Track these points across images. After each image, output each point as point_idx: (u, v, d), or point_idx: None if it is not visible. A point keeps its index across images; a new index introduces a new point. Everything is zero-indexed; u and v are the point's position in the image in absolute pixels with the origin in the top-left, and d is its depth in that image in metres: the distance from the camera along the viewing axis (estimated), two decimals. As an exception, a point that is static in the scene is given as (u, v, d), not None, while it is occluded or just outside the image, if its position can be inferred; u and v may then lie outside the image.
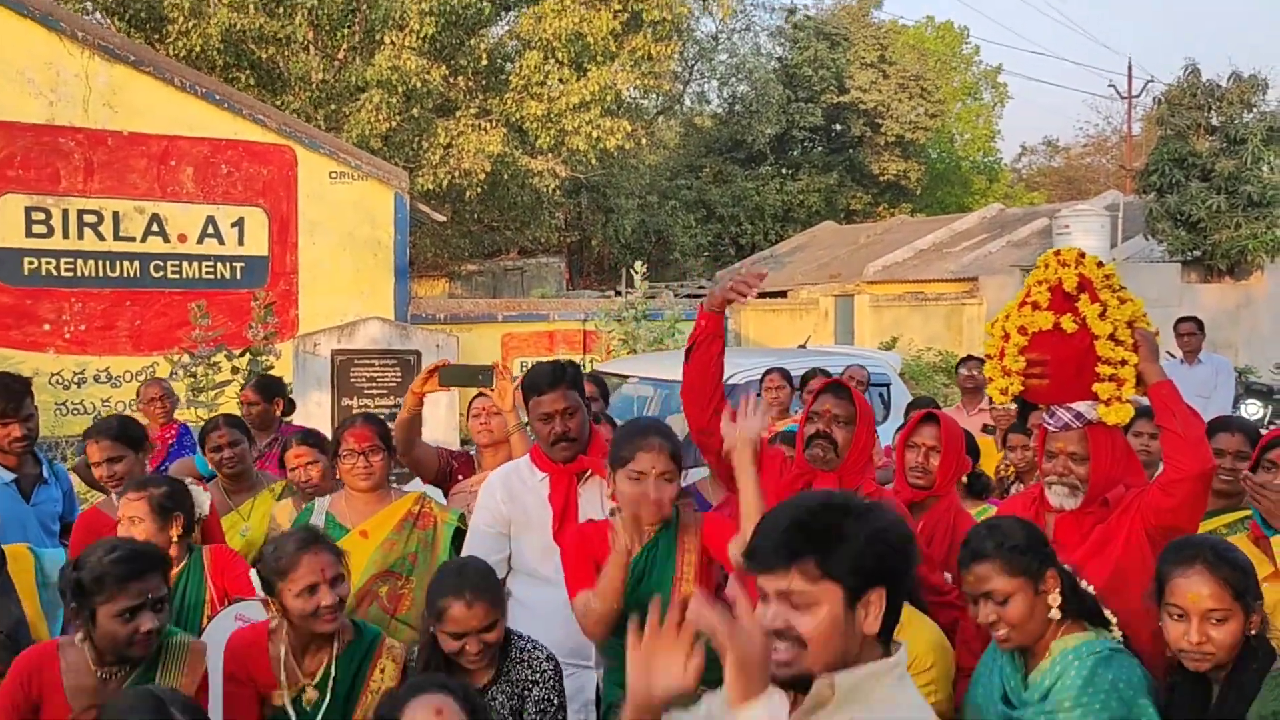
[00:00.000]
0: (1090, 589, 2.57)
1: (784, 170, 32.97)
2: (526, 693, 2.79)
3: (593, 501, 3.34)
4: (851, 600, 1.65)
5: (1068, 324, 2.95)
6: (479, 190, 19.05)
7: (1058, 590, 2.49)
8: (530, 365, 3.94)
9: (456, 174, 18.17)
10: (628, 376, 7.02)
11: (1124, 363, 2.90)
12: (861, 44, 32.17)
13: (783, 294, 24.04)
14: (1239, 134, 16.74)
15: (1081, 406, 2.97)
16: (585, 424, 3.40)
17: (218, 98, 10.63)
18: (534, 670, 2.82)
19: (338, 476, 3.57)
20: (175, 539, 3.17)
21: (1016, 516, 2.80)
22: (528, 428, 3.74)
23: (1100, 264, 3.04)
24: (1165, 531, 2.78)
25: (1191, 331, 7.84)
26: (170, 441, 5.09)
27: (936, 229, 25.42)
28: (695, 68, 31.58)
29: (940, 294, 19.77)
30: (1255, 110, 17.28)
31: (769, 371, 5.59)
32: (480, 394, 4.14)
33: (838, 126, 33.16)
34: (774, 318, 21.95)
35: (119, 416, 4.05)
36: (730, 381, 6.24)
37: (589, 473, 3.36)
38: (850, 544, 1.65)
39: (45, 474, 3.94)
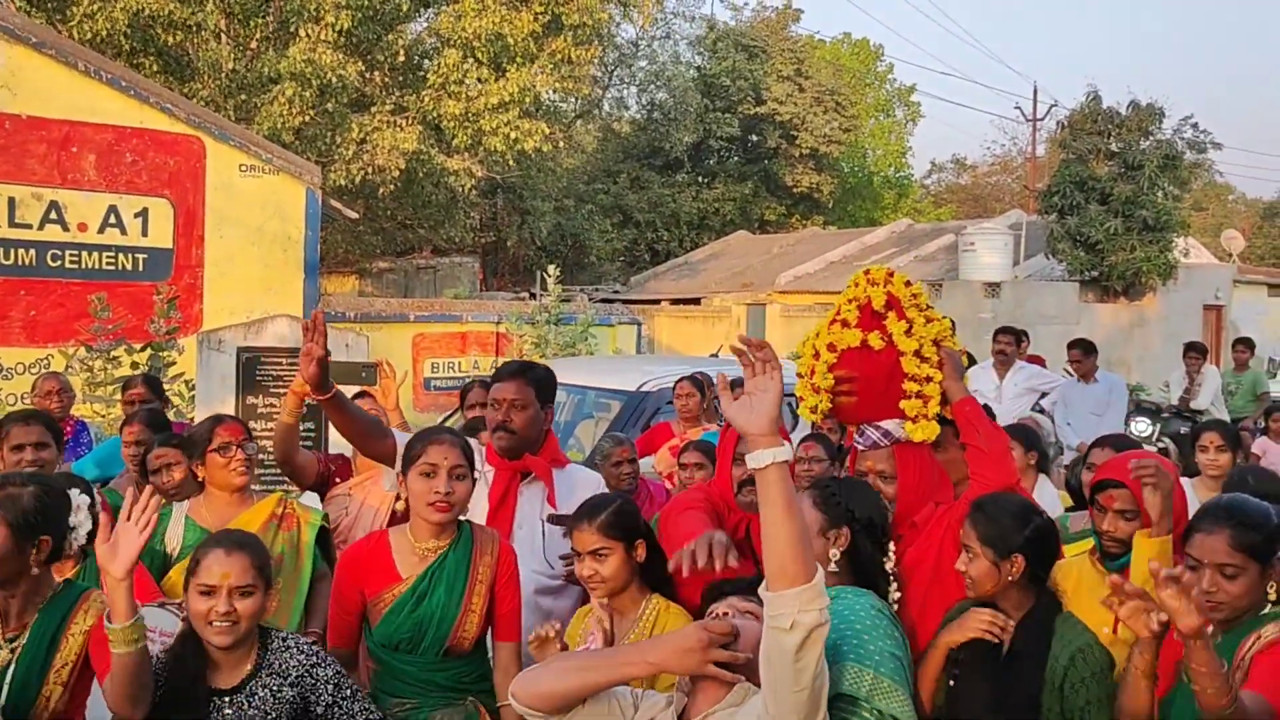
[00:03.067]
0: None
1: (700, 178, 33.24)
2: (308, 677, 2.55)
3: (533, 503, 3.36)
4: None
5: (875, 341, 2.96)
6: (393, 187, 18.83)
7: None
8: (440, 364, 3.92)
9: (370, 170, 17.92)
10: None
11: (929, 380, 2.92)
12: (779, 57, 32.60)
13: (696, 301, 24.24)
14: (1136, 160, 17.38)
15: (889, 425, 2.98)
16: (535, 425, 3.39)
17: (124, 84, 10.33)
18: (306, 655, 2.58)
19: (201, 478, 3.47)
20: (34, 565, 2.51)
21: None
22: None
23: (908, 283, 3.08)
24: None
25: (1078, 359, 8.07)
26: (66, 438, 4.94)
27: (847, 242, 25.88)
28: (615, 73, 31.68)
29: (850, 306, 20.10)
30: (1152, 138, 17.96)
31: (680, 380, 5.64)
32: (362, 393, 4.10)
33: (754, 137, 33.55)
34: (687, 325, 22.11)
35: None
36: (643, 389, 6.29)
37: (532, 475, 3.38)
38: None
39: None
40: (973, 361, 7.44)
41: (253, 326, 7.07)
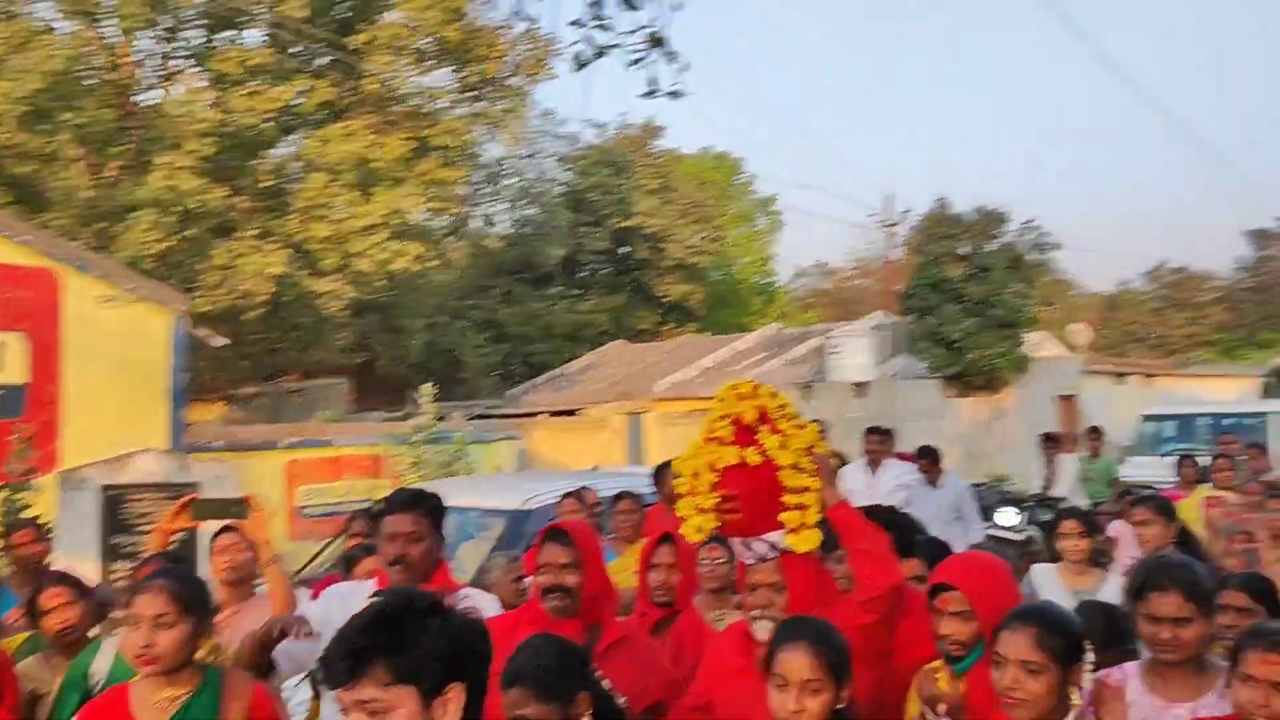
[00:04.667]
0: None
1: (573, 291, 33.66)
2: None
3: None
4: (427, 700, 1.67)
5: (752, 457, 3.01)
6: (260, 312, 18.54)
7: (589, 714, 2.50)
8: (314, 491, 3.89)
9: (236, 295, 17.64)
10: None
11: (806, 489, 2.98)
12: (644, 172, 33.57)
13: (574, 412, 24.28)
14: (985, 262, 18.38)
15: (774, 537, 3.03)
16: (430, 556, 3.37)
17: (-25, 218, 10.02)
18: None
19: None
20: None
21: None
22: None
23: (774, 394, 3.16)
24: (868, 650, 2.84)
25: (926, 467, 8.32)
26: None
27: (719, 348, 26.43)
28: (482, 191, 32.07)
29: (725, 411, 20.46)
30: (998, 240, 19.06)
31: (567, 495, 5.66)
32: (226, 528, 4.05)
33: (624, 249, 34.26)
34: (566, 436, 22.10)
35: None
36: (525, 508, 6.28)
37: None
38: (422, 644, 1.69)
39: None
40: (844, 462, 7.66)
41: (116, 463, 6.82)
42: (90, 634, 3.70)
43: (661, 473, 5.85)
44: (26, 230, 10.74)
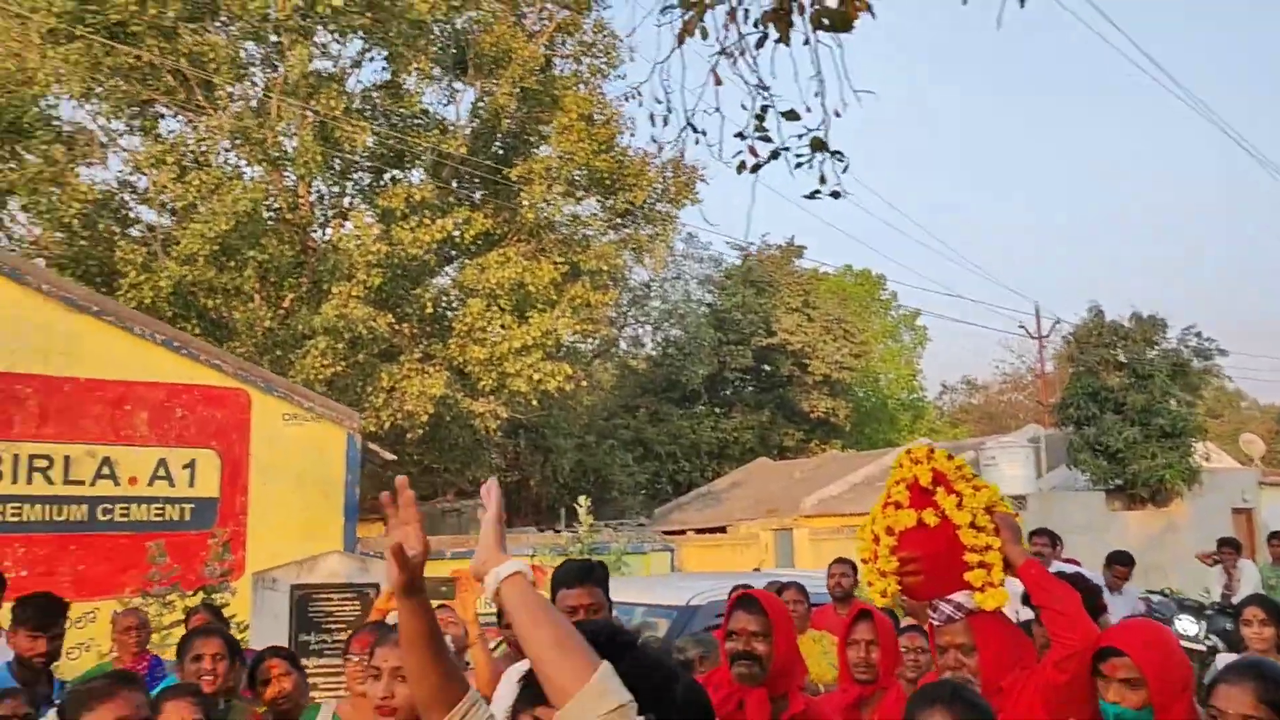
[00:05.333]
0: None
1: (717, 409, 33.88)
2: None
3: None
4: None
5: (929, 518, 3.03)
6: (421, 432, 19.36)
7: None
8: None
9: (400, 416, 18.50)
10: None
11: (989, 548, 2.97)
12: (786, 290, 33.94)
13: (722, 529, 24.23)
14: (1145, 369, 17.84)
15: (960, 597, 3.01)
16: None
17: (176, 344, 10.96)
18: None
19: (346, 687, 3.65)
20: None
21: None
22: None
23: (950, 456, 3.18)
24: (1060, 710, 2.79)
25: (1123, 574, 8.26)
26: (143, 673, 5.07)
27: (868, 463, 26.09)
28: (629, 313, 32.92)
29: (877, 526, 20.12)
30: (1157, 348, 18.51)
31: (737, 588, 5.76)
32: (441, 605, 4.27)
33: (767, 367, 34.44)
34: (715, 553, 22.05)
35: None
36: (691, 604, 6.41)
37: None
38: (677, 698, 1.78)
39: (55, 697, 3.98)
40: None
41: (305, 564, 7.27)
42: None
43: (832, 568, 5.94)
44: (219, 354, 11.67)
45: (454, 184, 21.12)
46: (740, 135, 4.62)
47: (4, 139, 16.63)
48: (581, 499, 12.56)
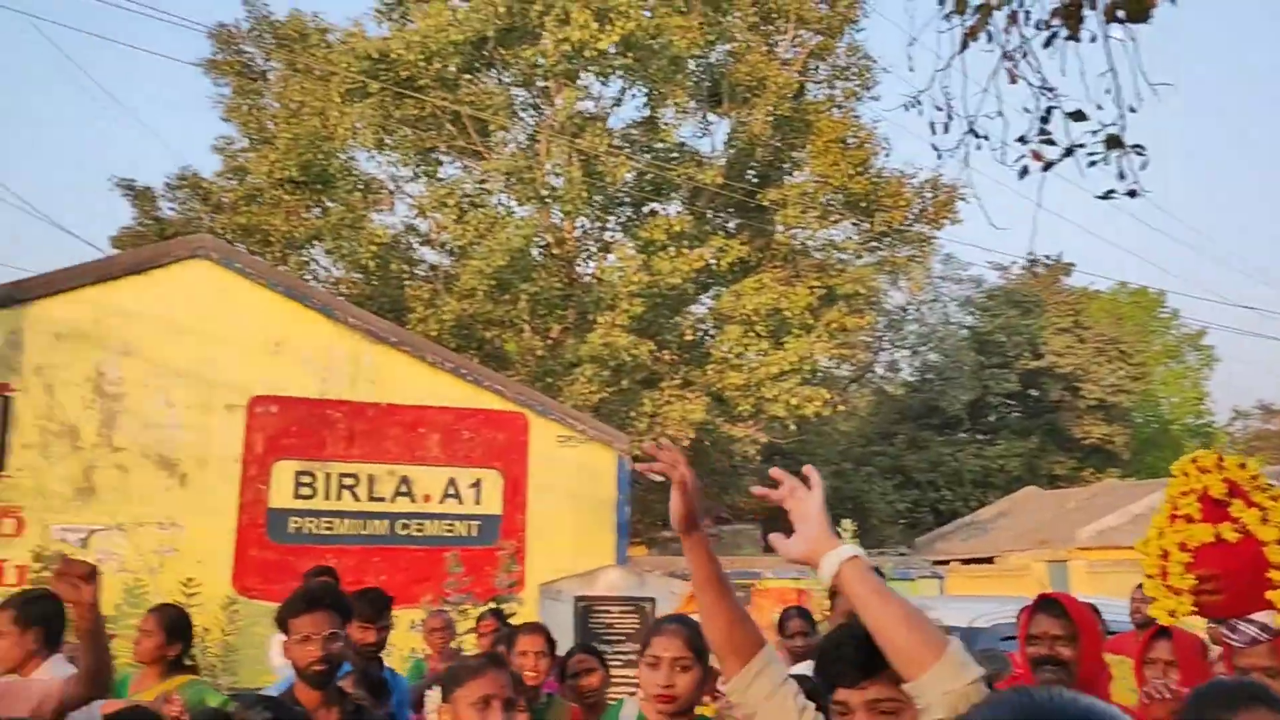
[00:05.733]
0: None
1: (980, 435, 32.67)
2: None
3: None
4: None
5: (1229, 533, 2.85)
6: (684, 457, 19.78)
7: None
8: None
9: (661, 441, 18.99)
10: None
11: None
12: (1054, 310, 32.35)
13: (989, 560, 23.30)
14: None
15: (1263, 617, 2.84)
16: None
17: (463, 372, 11.76)
18: None
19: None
20: None
21: None
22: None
23: (1243, 465, 2.97)
24: None
25: None
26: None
27: (1149, 493, 24.35)
28: (885, 337, 32.36)
29: (1163, 559, 18.78)
30: None
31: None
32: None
33: (1034, 391, 32.90)
34: (983, 583, 21.21)
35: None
36: (975, 625, 6.27)
37: None
38: None
39: (389, 683, 4.41)
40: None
41: (586, 577, 7.63)
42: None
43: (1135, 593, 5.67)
44: (500, 380, 12.43)
45: (709, 213, 21.55)
46: (1022, 139, 4.55)
47: (311, 190, 18.41)
48: (845, 523, 12.44)
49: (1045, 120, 4.38)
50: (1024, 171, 4.57)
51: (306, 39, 21.25)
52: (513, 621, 7.49)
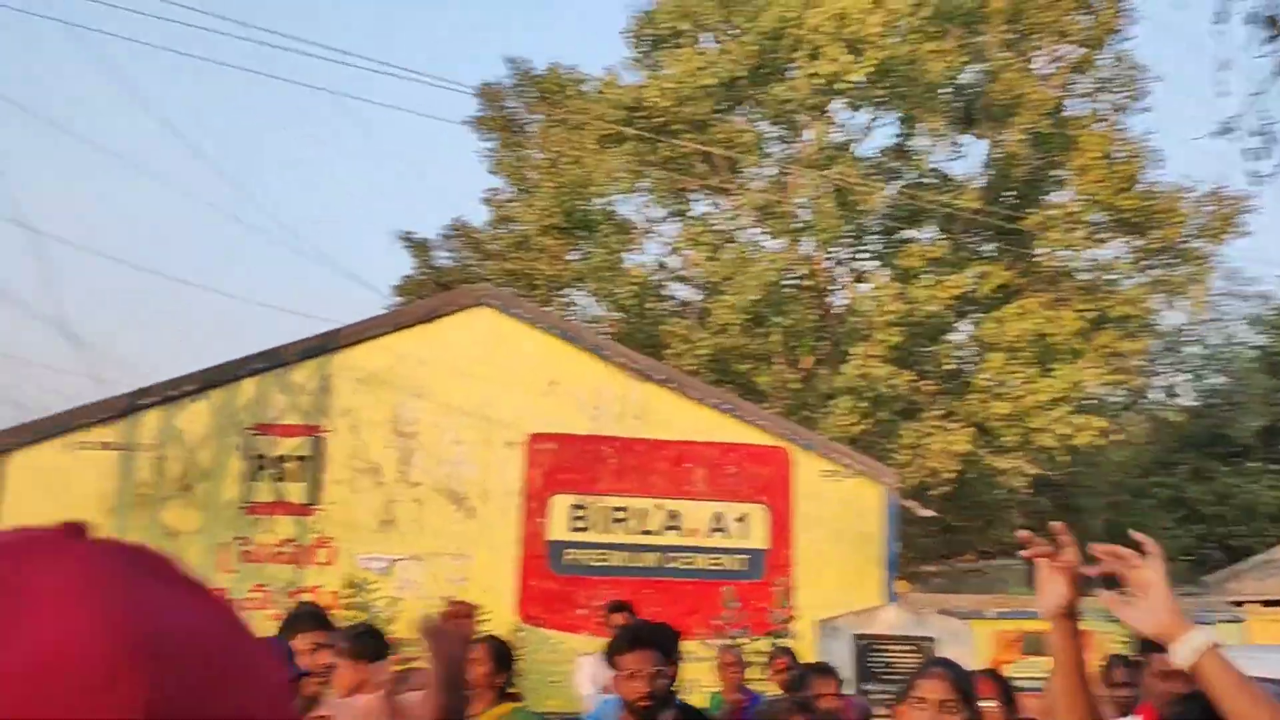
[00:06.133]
0: None
1: (1274, 465, 29.89)
2: None
3: None
4: None
5: None
6: (946, 490, 19.24)
7: None
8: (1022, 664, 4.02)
9: (924, 473, 18.55)
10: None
11: None
12: (1359, 326, 29.32)
13: (1293, 603, 21.25)
14: None
15: None
16: None
17: (726, 407, 12.00)
18: None
19: None
20: None
21: None
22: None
23: None
24: None
25: None
26: (744, 705, 5.66)
27: None
28: (1161, 360, 30.27)
29: None
30: None
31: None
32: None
33: (1340, 416, 29.83)
34: (1287, 629, 19.38)
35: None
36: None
37: None
38: None
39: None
40: None
41: (864, 614, 7.60)
42: None
43: None
44: (763, 415, 12.59)
45: (966, 238, 20.98)
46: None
47: (573, 235, 19.31)
48: (1131, 561, 11.77)
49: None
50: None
51: (564, 90, 22.34)
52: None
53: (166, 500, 10.75)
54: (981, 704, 3.65)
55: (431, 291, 23.02)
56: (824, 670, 5.04)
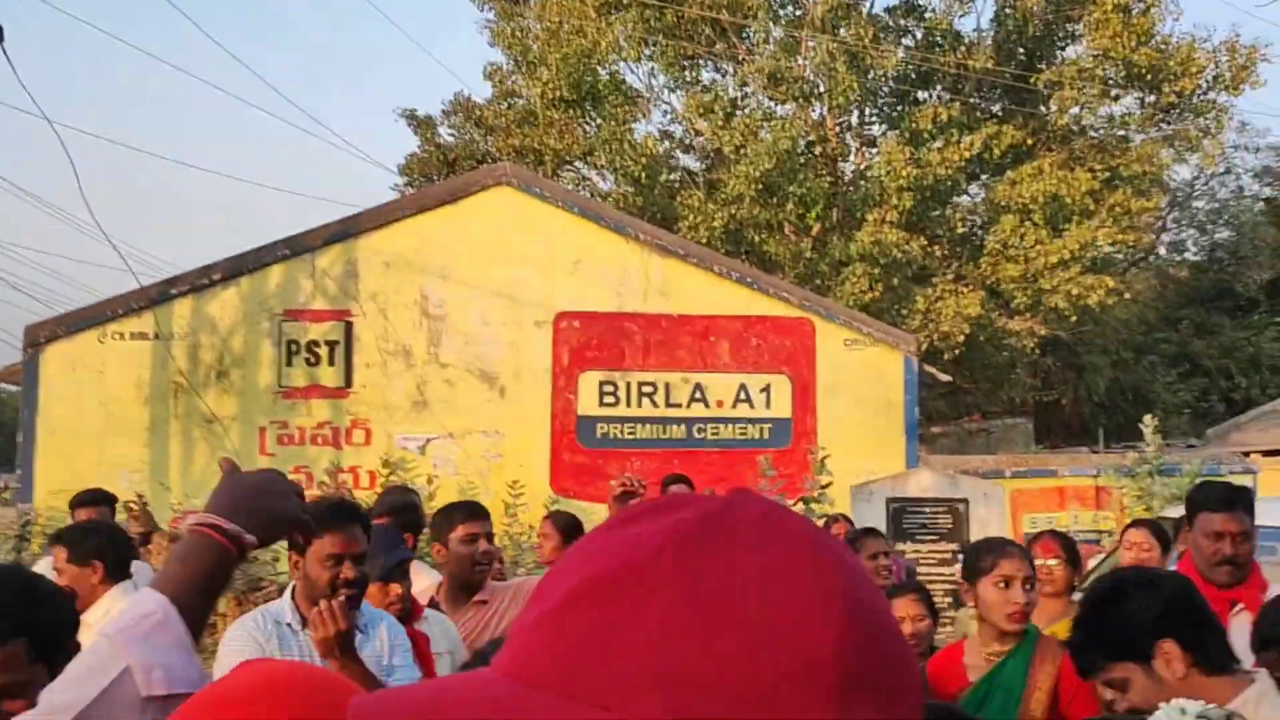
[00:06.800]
0: None
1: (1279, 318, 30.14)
2: None
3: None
4: None
5: None
6: (957, 353, 19.46)
7: None
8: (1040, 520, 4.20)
9: (936, 337, 18.74)
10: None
11: None
12: (1370, 176, 29.15)
13: (1295, 452, 21.74)
14: None
15: None
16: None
17: (749, 280, 12.10)
18: None
19: None
20: None
21: None
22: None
23: None
24: None
25: None
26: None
27: None
28: (1169, 216, 30.20)
29: None
30: None
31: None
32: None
33: (1345, 266, 29.94)
34: (1290, 478, 19.89)
35: None
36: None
37: (1242, 606, 3.26)
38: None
39: None
40: None
41: (898, 478, 7.85)
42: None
43: None
44: (786, 287, 12.70)
45: (977, 99, 20.68)
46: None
47: (580, 107, 19.05)
48: (1147, 418, 11.99)
49: None
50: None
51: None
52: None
53: (203, 388, 10.94)
54: (1049, 563, 3.88)
55: (437, 170, 22.85)
56: (873, 533, 5.33)
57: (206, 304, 11.05)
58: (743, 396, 11.85)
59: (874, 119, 21.53)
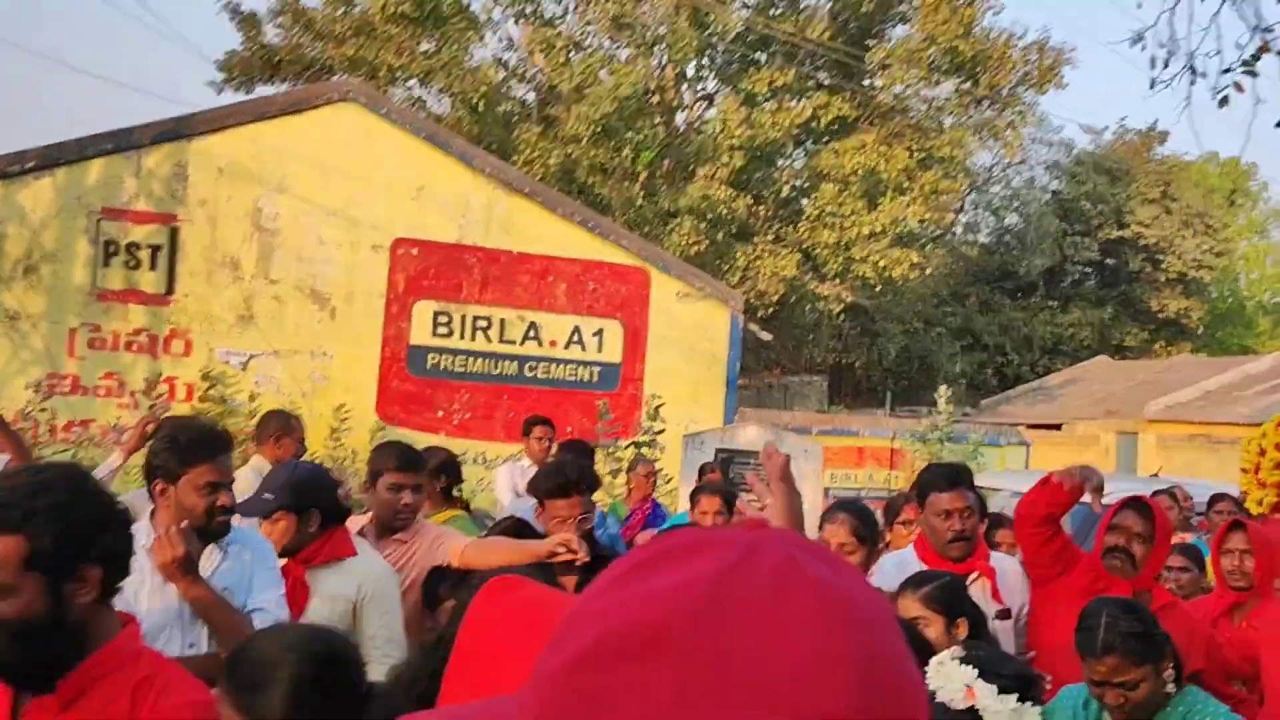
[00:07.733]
0: None
1: (1054, 302, 32.74)
2: None
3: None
4: None
5: None
6: (771, 311, 20.29)
7: None
8: (840, 475, 4.64)
9: (752, 295, 19.47)
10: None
11: None
12: (1144, 180, 31.86)
13: (1055, 427, 23.82)
14: None
15: None
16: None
17: (590, 224, 12.25)
18: None
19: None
20: None
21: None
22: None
23: None
24: None
25: None
26: (648, 512, 6.23)
27: (1225, 370, 24.62)
28: (968, 198, 32.14)
29: (1235, 438, 19.22)
30: None
31: (1159, 492, 6.16)
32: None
33: (1112, 261, 32.74)
34: (1054, 451, 21.83)
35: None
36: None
37: (977, 574, 3.53)
38: None
39: None
40: None
41: (728, 430, 8.27)
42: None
43: None
44: (625, 234, 12.91)
45: (810, 68, 21.37)
46: (1228, 70, 4.87)
47: (421, 25, 18.53)
48: (942, 389, 13.01)
49: (1256, 59, 4.69)
50: (1223, 102, 4.90)
51: None
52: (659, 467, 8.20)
53: (8, 281, 10.24)
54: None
55: (260, 71, 21.76)
56: (714, 490, 5.47)
57: (16, 193, 10.30)
58: (575, 338, 12.05)
59: (711, 75, 21.92)
